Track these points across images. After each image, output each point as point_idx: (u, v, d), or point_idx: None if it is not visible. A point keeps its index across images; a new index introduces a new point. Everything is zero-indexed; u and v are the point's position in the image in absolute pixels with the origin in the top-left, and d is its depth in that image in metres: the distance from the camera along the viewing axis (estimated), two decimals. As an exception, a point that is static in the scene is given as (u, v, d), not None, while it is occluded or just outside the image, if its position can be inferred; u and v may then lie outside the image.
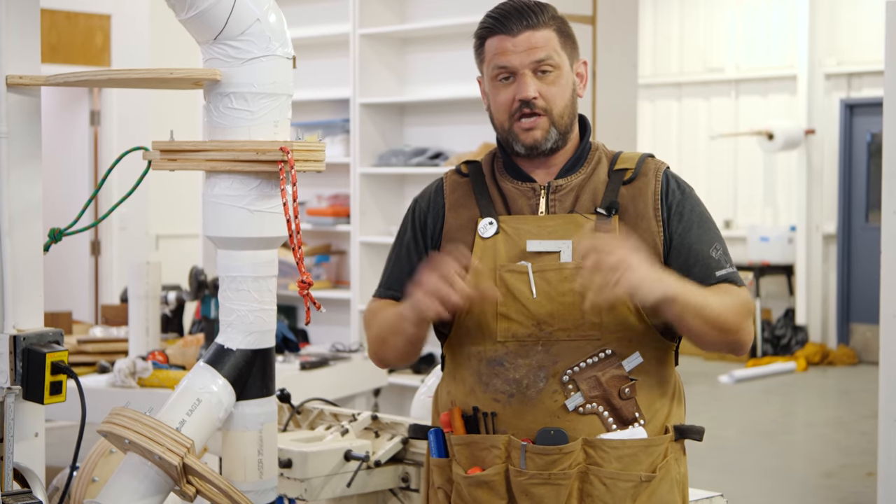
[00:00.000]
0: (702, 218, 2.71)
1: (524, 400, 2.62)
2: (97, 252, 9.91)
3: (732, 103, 13.43)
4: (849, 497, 7.21)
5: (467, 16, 7.58)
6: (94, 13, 9.55)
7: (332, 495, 3.37)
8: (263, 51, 2.82)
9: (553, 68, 2.67)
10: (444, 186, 2.82)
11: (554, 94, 2.68)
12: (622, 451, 2.58)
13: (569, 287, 2.59)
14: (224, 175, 2.82)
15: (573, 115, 2.73)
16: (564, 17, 2.76)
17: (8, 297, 2.92)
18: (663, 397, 2.68)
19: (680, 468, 2.69)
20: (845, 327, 12.66)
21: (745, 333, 2.63)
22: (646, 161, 2.73)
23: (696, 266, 2.65)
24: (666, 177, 2.71)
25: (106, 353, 5.58)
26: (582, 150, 2.75)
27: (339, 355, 6.23)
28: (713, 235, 2.70)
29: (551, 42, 2.68)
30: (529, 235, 2.66)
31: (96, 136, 9.83)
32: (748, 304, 2.65)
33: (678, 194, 2.70)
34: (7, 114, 2.91)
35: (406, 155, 7.79)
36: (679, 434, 2.68)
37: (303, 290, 2.75)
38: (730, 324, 2.58)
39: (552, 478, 2.58)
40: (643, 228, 2.65)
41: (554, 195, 2.70)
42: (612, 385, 2.60)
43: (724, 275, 2.66)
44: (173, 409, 2.82)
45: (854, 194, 12.71)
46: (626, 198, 2.68)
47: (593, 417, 2.60)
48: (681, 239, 2.67)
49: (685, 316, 2.53)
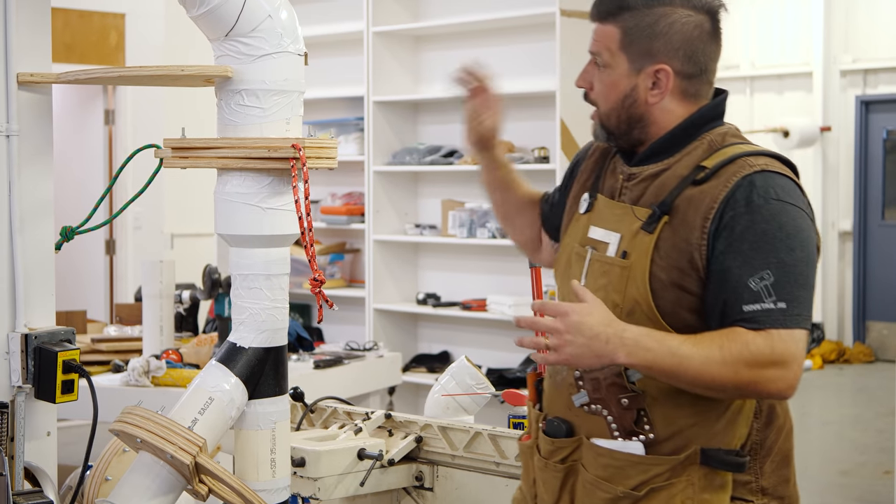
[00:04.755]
0: (760, 238, 2.36)
1: (554, 385, 2.64)
2: (112, 251, 9.91)
3: (748, 100, 13.38)
4: (866, 495, 7.17)
5: (480, 13, 7.57)
6: (108, 12, 9.56)
7: (346, 494, 3.35)
8: (275, 47, 2.80)
9: (603, 66, 2.56)
10: (593, 146, 2.78)
11: (598, 92, 2.58)
12: (608, 461, 2.48)
13: (602, 283, 2.50)
14: (236, 172, 2.81)
15: (629, 119, 2.55)
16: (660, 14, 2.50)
17: (20, 296, 2.92)
18: (697, 415, 2.44)
19: (699, 494, 2.43)
20: (861, 325, 12.62)
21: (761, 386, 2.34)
22: (735, 161, 2.44)
23: (725, 294, 2.37)
24: (741, 183, 2.40)
25: (120, 351, 5.58)
26: (675, 136, 2.53)
27: (354, 354, 6.21)
28: (767, 262, 2.35)
29: (608, 39, 2.54)
30: (600, 220, 2.58)
31: (111, 135, 9.83)
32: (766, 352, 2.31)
33: (741, 207, 2.38)
34: (18, 112, 2.91)
35: (420, 153, 7.78)
36: (704, 459, 2.43)
37: (315, 287, 2.73)
38: (719, 383, 2.32)
39: (549, 466, 2.62)
40: (682, 239, 2.42)
41: (627, 182, 2.58)
42: (612, 392, 2.48)
43: (752, 312, 2.34)
44: (185, 407, 2.81)
45: (870, 191, 12.66)
46: (685, 200, 2.44)
47: (598, 419, 2.52)
48: (721, 259, 2.38)
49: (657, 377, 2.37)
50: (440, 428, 3.43)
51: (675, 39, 2.51)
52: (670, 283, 2.42)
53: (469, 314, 7.73)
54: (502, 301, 7.51)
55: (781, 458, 2.56)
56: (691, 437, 2.44)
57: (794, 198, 2.42)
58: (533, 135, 7.42)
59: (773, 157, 2.49)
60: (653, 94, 2.53)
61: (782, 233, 2.36)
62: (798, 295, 2.35)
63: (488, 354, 7.72)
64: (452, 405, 3.57)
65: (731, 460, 2.44)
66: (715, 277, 2.39)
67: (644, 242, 2.45)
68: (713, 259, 2.39)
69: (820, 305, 12.62)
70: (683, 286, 2.42)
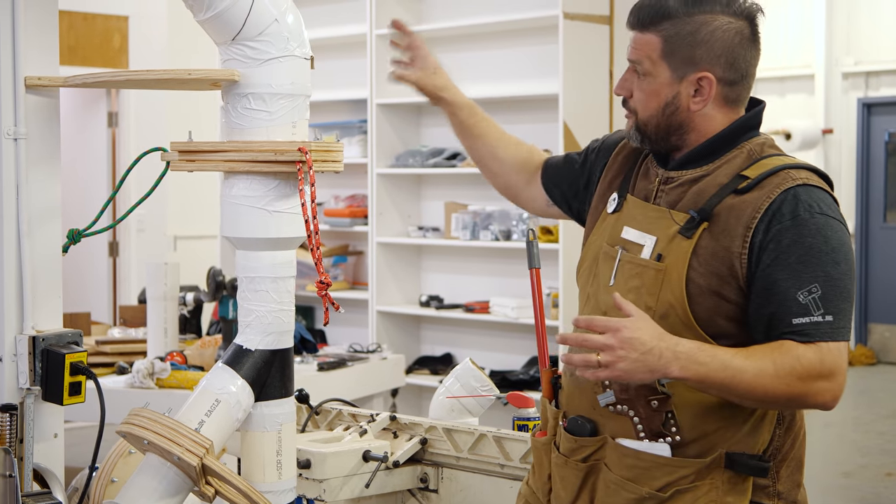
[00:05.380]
0: (807, 252, 2.38)
1: (576, 383, 2.63)
2: (115, 253, 9.92)
3: (750, 103, 13.38)
4: (868, 497, 7.18)
5: (484, 16, 7.59)
6: (111, 14, 9.57)
7: (351, 496, 3.36)
8: (281, 51, 2.81)
9: (644, 74, 2.57)
10: (619, 144, 2.79)
11: (639, 99, 2.58)
12: (634, 461, 2.50)
13: (635, 284, 2.51)
14: (242, 176, 2.82)
15: (669, 126, 2.57)
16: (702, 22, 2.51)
17: (27, 298, 2.93)
18: (724, 419, 2.47)
19: (724, 497, 2.45)
20: (863, 327, 12.62)
21: (810, 398, 2.36)
22: (777, 173, 2.46)
23: (773, 306, 2.39)
24: (785, 196, 2.42)
25: (124, 353, 5.59)
26: (717, 142, 2.56)
27: (357, 356, 6.22)
28: (815, 275, 2.37)
29: (649, 48, 2.54)
30: (632, 221, 2.59)
31: (114, 137, 9.85)
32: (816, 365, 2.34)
33: (787, 220, 2.40)
34: (26, 115, 2.91)
35: (423, 155, 7.79)
36: (729, 462, 2.46)
37: (321, 290, 2.74)
38: (772, 395, 2.35)
39: (569, 464, 2.61)
40: (723, 246, 2.44)
41: (664, 186, 2.59)
42: (641, 393, 2.49)
43: (801, 325, 2.36)
44: (192, 409, 2.82)
45: (872, 194, 12.67)
46: (726, 208, 2.45)
47: (624, 419, 2.53)
48: (767, 272, 2.40)
49: (707, 390, 2.38)
50: (445, 430, 3.44)
51: (717, 47, 2.52)
52: (708, 289, 2.44)
53: (472, 316, 7.74)
54: (505, 303, 7.52)
55: (796, 463, 2.58)
56: (716, 441, 2.47)
57: (835, 212, 2.46)
58: (536, 137, 7.39)
59: (813, 170, 2.52)
60: (695, 102, 2.55)
61: (828, 246, 2.39)
62: (843, 308, 2.38)
63: (491, 357, 7.73)
64: (457, 407, 3.58)
65: (756, 465, 2.47)
66: (761, 289, 2.41)
67: (682, 247, 2.46)
68: (759, 271, 2.41)
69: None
70: (722, 294, 2.44)
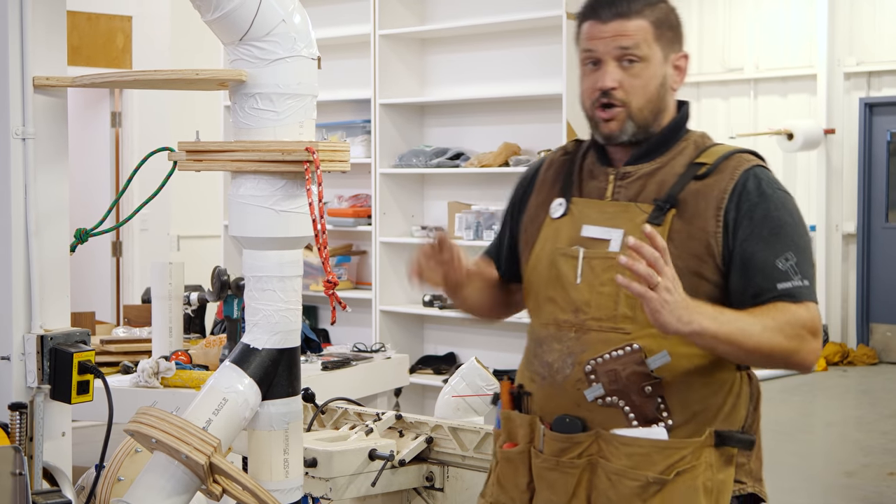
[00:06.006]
0: (778, 224, 2.53)
1: (553, 384, 2.64)
2: (118, 253, 9.93)
3: (751, 103, 13.39)
4: (870, 496, 7.18)
5: (487, 16, 7.59)
6: (115, 14, 9.57)
7: (357, 494, 3.38)
8: (289, 51, 2.83)
9: (639, 59, 2.60)
10: (543, 164, 2.84)
11: (635, 87, 2.61)
12: (633, 449, 2.53)
13: (609, 277, 2.55)
14: (250, 175, 2.83)
15: (658, 109, 2.63)
16: (668, 7, 2.66)
17: (35, 298, 2.94)
18: (706, 400, 2.56)
19: (716, 475, 2.54)
20: (865, 327, 12.63)
21: (801, 355, 2.48)
22: (730, 157, 2.60)
23: (757, 276, 2.51)
24: (746, 176, 2.56)
25: (129, 353, 5.58)
26: (664, 137, 2.65)
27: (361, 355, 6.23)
28: (788, 244, 2.52)
29: (641, 32, 2.60)
30: (589, 220, 2.64)
31: (117, 137, 9.85)
32: (809, 322, 2.48)
33: (754, 196, 2.54)
34: (34, 115, 2.93)
35: (426, 155, 7.80)
36: (719, 440, 2.55)
37: (328, 289, 2.76)
38: (776, 350, 2.46)
39: (561, 465, 2.61)
40: (697, 227, 2.54)
41: (621, 182, 2.65)
42: (632, 381, 2.54)
43: (787, 288, 2.49)
44: (200, 408, 2.83)
45: (874, 194, 12.67)
46: (691, 194, 2.56)
47: (614, 411, 2.56)
48: (744, 245, 2.52)
49: (717, 346, 2.44)
50: (450, 429, 3.45)
51: (682, 29, 2.69)
52: (687, 270, 2.51)
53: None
54: (508, 303, 7.51)
55: (759, 441, 2.69)
56: (703, 422, 2.56)
57: (786, 188, 2.63)
58: (539, 137, 7.43)
59: (754, 154, 2.66)
60: (676, 81, 2.68)
61: (793, 219, 2.56)
62: (813, 274, 2.55)
63: (494, 356, 7.73)
64: (462, 406, 3.60)
65: (745, 438, 2.58)
66: (739, 263, 2.52)
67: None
68: (736, 246, 2.53)
69: (824, 307, 12.62)
70: (701, 273, 2.53)
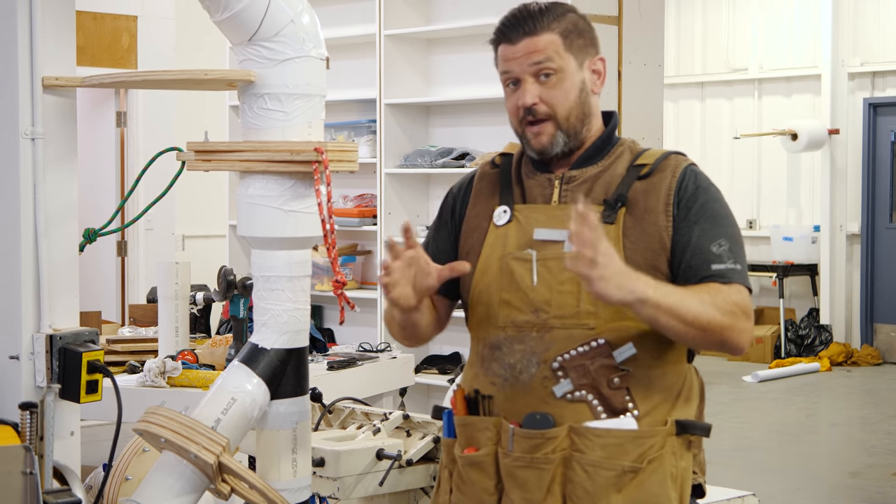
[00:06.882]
0: (713, 214, 2.67)
1: (517, 384, 2.67)
2: (124, 252, 9.94)
3: (756, 103, 13.40)
4: (875, 497, 7.19)
5: (491, 16, 7.58)
6: (120, 14, 9.58)
7: (365, 494, 3.38)
8: (297, 52, 2.83)
9: (554, 71, 2.69)
10: (475, 176, 2.89)
11: (555, 98, 2.70)
12: (607, 440, 2.59)
13: (567, 276, 2.61)
14: (259, 175, 2.84)
15: (583, 114, 2.73)
16: (577, 16, 2.75)
17: (44, 297, 2.95)
18: (665, 391, 2.66)
19: (679, 463, 2.65)
20: (869, 327, 12.63)
21: (735, 333, 2.58)
22: (667, 158, 2.73)
23: (694, 258, 2.63)
24: (685, 173, 2.70)
25: (135, 352, 5.59)
26: (602, 142, 2.77)
27: (367, 355, 6.23)
28: (722, 232, 2.65)
29: (551, 46, 2.69)
30: (538, 224, 2.71)
31: (123, 137, 9.85)
32: (741, 303, 2.59)
33: (692, 188, 2.68)
34: (43, 115, 2.94)
35: (432, 155, 7.80)
36: (680, 429, 2.65)
37: (337, 289, 2.77)
38: (712, 324, 2.54)
39: (535, 462, 2.63)
40: (650, 223, 2.65)
41: (567, 185, 2.74)
42: (601, 374, 2.61)
43: (720, 269, 2.61)
44: (208, 407, 2.84)
45: (878, 194, 12.67)
46: (638, 192, 2.68)
47: (581, 405, 2.62)
48: (684, 232, 2.64)
49: (659, 317, 2.50)
50: (457, 428, 3.45)
51: (593, 35, 2.77)
52: (645, 264, 2.61)
53: (480, 316, 7.73)
54: (513, 303, 7.51)
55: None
56: (664, 412, 2.66)
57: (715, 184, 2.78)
58: (544, 137, 7.44)
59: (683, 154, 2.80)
60: (596, 84, 2.77)
61: (725, 211, 2.70)
62: (744, 261, 2.68)
63: (499, 356, 7.73)
64: (469, 406, 3.59)
65: (703, 425, 2.70)
66: (680, 247, 2.64)
67: (609, 232, 2.61)
68: (676, 234, 2.65)
69: (828, 307, 12.63)
70: (656, 266, 2.64)
